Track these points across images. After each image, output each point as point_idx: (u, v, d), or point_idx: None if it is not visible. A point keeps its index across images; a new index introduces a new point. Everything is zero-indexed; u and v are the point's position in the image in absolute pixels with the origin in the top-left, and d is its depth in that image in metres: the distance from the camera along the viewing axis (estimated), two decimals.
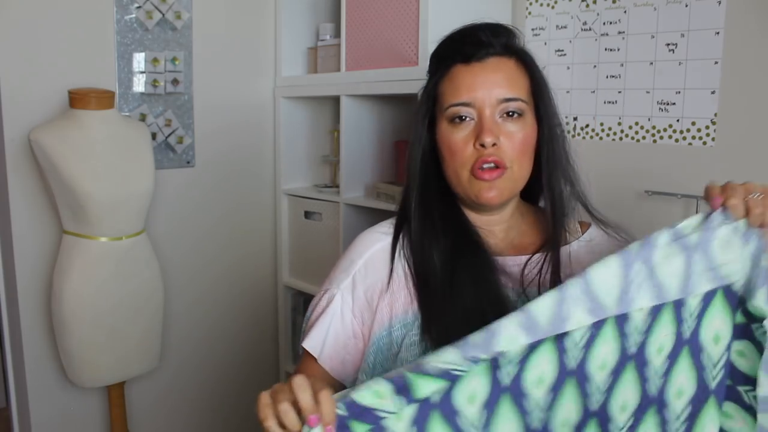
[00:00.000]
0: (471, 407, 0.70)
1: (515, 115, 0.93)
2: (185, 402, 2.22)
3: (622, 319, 0.74)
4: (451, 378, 0.68)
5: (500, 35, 0.94)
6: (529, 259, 0.96)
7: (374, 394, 0.66)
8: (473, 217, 1.00)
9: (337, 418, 0.64)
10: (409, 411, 0.68)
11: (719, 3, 1.46)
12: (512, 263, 0.97)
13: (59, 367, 1.86)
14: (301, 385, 0.64)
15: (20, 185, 1.81)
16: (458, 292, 0.91)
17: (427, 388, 0.67)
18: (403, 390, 0.66)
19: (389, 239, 1.00)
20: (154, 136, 1.99)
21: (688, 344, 0.79)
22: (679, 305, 0.77)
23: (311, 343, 0.98)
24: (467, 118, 0.92)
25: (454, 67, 0.94)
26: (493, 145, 0.91)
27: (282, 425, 0.63)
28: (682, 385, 0.80)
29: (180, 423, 2.22)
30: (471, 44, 0.93)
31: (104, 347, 1.73)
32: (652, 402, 0.79)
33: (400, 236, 1.00)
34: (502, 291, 0.92)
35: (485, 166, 0.91)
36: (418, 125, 0.99)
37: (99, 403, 2.01)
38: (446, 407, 0.69)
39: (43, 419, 1.91)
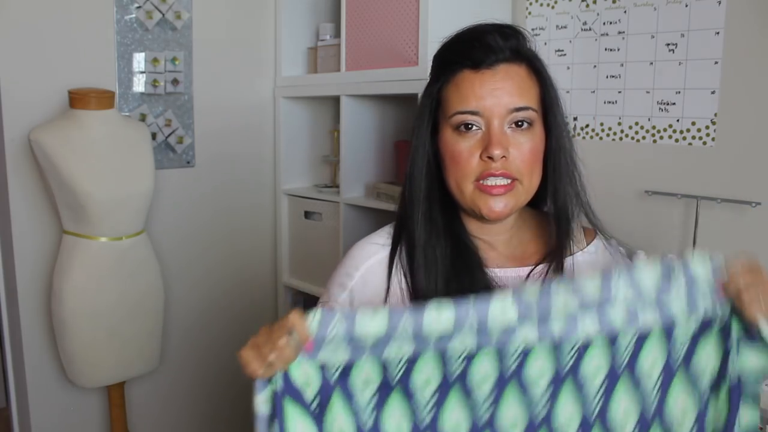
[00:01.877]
0: (426, 390, 0.78)
1: (525, 125, 0.88)
2: (185, 402, 2.22)
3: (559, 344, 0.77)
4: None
5: (510, 38, 0.88)
6: (531, 272, 0.93)
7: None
8: (474, 227, 0.96)
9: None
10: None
11: (719, 3, 1.45)
12: (513, 275, 0.94)
13: (59, 367, 1.86)
14: (276, 332, 0.78)
15: (20, 185, 1.80)
16: None
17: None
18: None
19: (386, 251, 0.97)
20: (154, 136, 1.99)
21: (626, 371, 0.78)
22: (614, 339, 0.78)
23: None
24: (474, 127, 0.88)
25: (461, 73, 0.89)
26: (502, 157, 0.86)
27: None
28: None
29: (180, 423, 2.22)
30: (480, 49, 0.87)
31: (104, 347, 1.73)
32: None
33: (398, 248, 0.96)
34: None
35: (493, 180, 0.87)
36: (421, 131, 0.94)
37: (99, 403, 2.01)
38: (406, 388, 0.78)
39: (43, 419, 1.91)
